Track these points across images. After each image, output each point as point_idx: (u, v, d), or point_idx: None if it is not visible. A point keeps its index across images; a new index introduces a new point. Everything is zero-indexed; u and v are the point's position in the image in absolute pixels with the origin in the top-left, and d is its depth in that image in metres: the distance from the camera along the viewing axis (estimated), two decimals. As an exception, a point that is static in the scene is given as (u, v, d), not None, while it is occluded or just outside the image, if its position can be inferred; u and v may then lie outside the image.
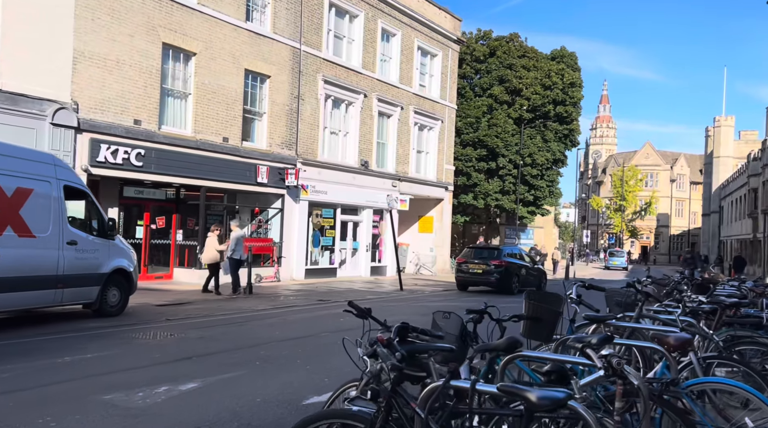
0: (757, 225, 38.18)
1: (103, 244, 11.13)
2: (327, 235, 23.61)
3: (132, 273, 11.75)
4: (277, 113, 20.88)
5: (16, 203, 9.31)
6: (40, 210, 9.75)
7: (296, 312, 13.73)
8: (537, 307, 4.55)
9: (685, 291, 8.87)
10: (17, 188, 9.35)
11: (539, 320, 4.49)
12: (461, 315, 4.32)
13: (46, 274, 9.81)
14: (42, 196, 9.79)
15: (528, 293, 4.76)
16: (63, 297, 10.25)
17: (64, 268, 10.08)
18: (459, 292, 20.81)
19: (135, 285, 11.97)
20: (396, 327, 2.96)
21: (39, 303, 10.05)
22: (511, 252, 21.41)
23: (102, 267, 10.98)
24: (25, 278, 9.38)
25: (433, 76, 29.78)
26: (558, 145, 38.07)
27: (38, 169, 9.88)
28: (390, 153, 26.90)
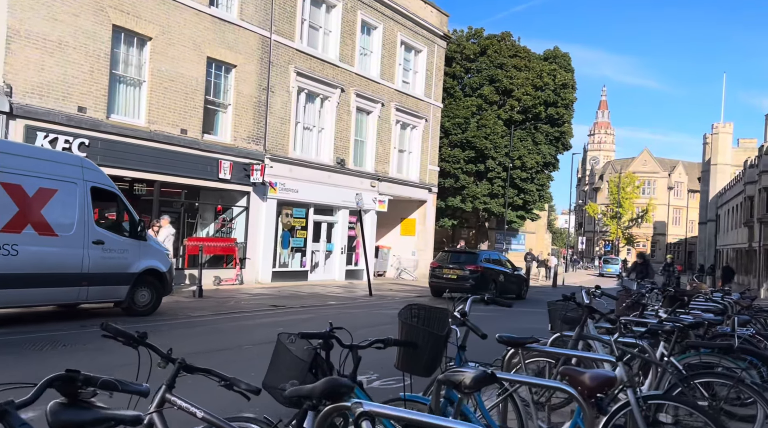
0: (752, 235, 37.00)
1: (134, 245, 11.39)
2: (298, 236, 22.41)
3: (165, 274, 11.98)
4: (243, 105, 19.71)
5: (39, 203, 9.74)
6: (64, 210, 10.12)
7: (233, 320, 12.49)
8: (412, 330, 3.38)
9: (652, 305, 7.69)
10: (39, 188, 9.75)
11: (416, 346, 3.32)
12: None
13: (70, 272, 10.16)
14: (67, 196, 10.17)
15: (403, 310, 3.60)
16: (88, 295, 10.61)
17: (89, 267, 10.42)
18: (433, 299, 19.60)
19: (169, 286, 12.28)
20: (46, 381, 1.67)
21: (63, 299, 10.54)
22: (488, 258, 20.22)
23: (131, 267, 11.28)
24: (47, 275, 9.77)
25: (417, 73, 28.62)
26: (549, 148, 36.90)
27: (64, 170, 10.26)
28: (369, 151, 25.72)
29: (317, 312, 14.00)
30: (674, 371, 4.70)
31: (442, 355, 3.44)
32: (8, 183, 9.32)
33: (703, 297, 11.12)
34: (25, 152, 9.92)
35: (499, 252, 22.60)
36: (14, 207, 9.41)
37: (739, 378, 4.14)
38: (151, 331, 10.27)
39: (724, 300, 10.99)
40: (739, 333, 7.00)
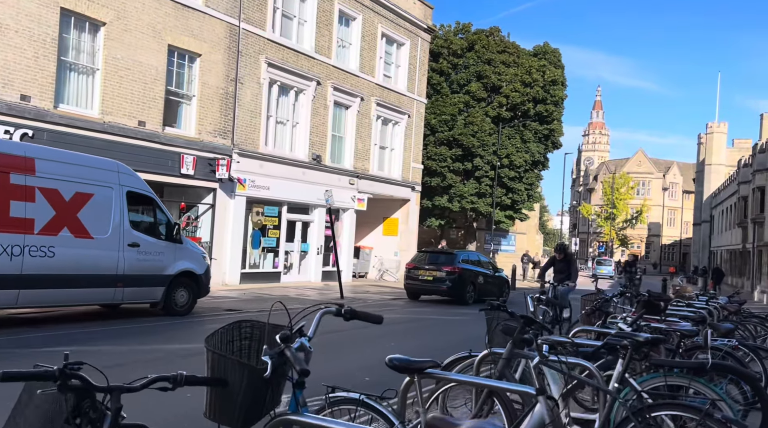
0: (746, 235, 36.08)
1: (169, 247, 11.79)
2: (270, 236, 21.39)
3: (201, 276, 12.38)
4: (209, 97, 18.69)
5: (75, 207, 10.14)
6: (100, 213, 10.53)
7: (172, 326, 11.50)
8: (221, 361, 2.38)
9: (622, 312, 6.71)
10: (76, 193, 10.16)
11: (225, 384, 2.31)
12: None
13: (105, 273, 10.58)
14: (102, 200, 10.57)
15: (222, 331, 2.62)
16: (124, 296, 11.05)
17: (124, 269, 10.82)
18: (408, 302, 18.62)
19: (205, 287, 12.61)
20: None
21: (98, 299, 11.03)
22: (467, 258, 19.21)
23: (167, 269, 11.68)
24: (82, 276, 10.21)
25: (399, 67, 27.64)
26: (537, 146, 35.91)
27: (101, 175, 10.67)
28: (348, 147, 24.71)
29: (274, 317, 12.99)
30: (630, 400, 3.71)
31: (265, 398, 2.44)
32: (46, 187, 9.75)
33: (683, 303, 10.17)
34: (63, 158, 10.30)
35: (479, 253, 21.60)
36: (51, 210, 9.83)
37: (707, 413, 3.15)
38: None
39: (710, 304, 10.04)
40: (718, 344, 6.04)
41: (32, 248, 9.56)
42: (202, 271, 12.45)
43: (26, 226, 9.50)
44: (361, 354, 9.40)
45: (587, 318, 6.50)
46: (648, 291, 7.34)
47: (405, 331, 12.62)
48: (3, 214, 9.23)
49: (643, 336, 3.84)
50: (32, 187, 9.57)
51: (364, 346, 10.11)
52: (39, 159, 9.75)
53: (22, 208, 9.44)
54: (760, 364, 6.56)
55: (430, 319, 14.82)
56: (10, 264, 9.27)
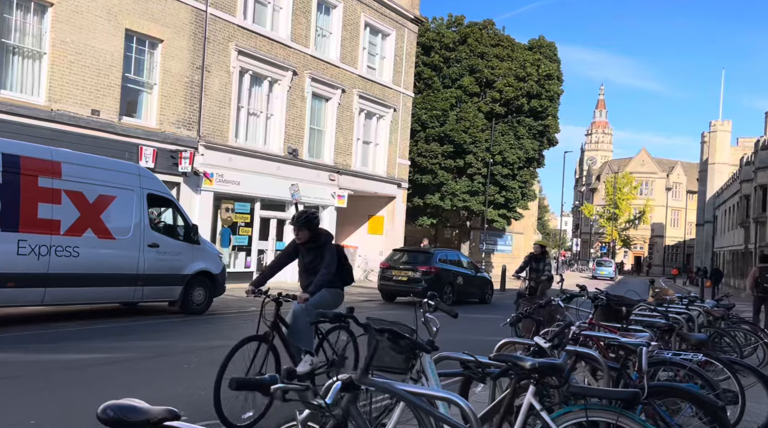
0: (748, 236, 34.78)
1: (187, 248, 12.21)
2: (241, 234, 20.33)
3: (217, 276, 12.76)
4: (172, 85, 17.64)
5: (98, 209, 10.57)
6: (122, 215, 10.98)
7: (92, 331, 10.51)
8: None
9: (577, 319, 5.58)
10: (99, 195, 10.60)
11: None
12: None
13: (126, 273, 10.99)
14: (124, 202, 10.99)
15: None
16: (143, 294, 11.43)
17: (144, 268, 11.22)
18: (381, 304, 17.51)
19: (222, 287, 13.01)
20: None
21: (119, 298, 11.40)
22: (445, 258, 18.09)
23: (185, 269, 12.05)
24: (105, 275, 10.65)
25: (385, 59, 26.53)
26: (532, 143, 34.74)
27: (122, 178, 11.09)
28: (328, 141, 23.63)
29: (210, 322, 12.00)
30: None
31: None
32: (71, 190, 10.16)
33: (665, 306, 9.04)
34: (87, 162, 10.72)
35: (459, 253, 20.48)
36: (76, 212, 10.23)
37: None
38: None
39: (691, 309, 8.90)
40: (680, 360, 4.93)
41: (58, 248, 9.99)
42: (218, 271, 12.84)
43: (53, 227, 9.93)
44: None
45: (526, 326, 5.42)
46: (606, 293, 6.23)
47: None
48: (31, 216, 9.70)
49: (529, 362, 2.75)
50: (59, 190, 10.01)
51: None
52: (65, 163, 10.19)
53: (49, 210, 9.88)
54: (736, 382, 5.45)
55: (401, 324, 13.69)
56: (38, 264, 9.70)
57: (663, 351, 5.17)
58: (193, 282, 12.21)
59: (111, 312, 12.01)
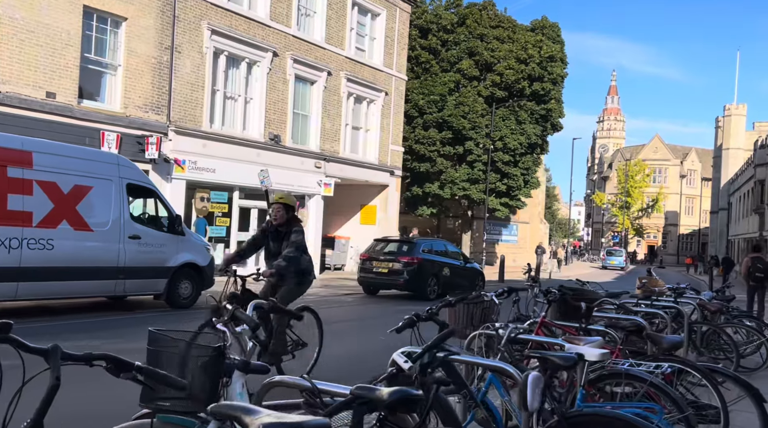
0: (763, 223, 33.25)
1: (171, 239, 11.82)
2: (218, 224, 19.31)
3: (204, 268, 12.35)
4: (137, 67, 16.59)
5: (74, 200, 10.20)
6: (100, 206, 10.60)
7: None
8: None
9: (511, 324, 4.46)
10: (74, 186, 10.20)
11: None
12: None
13: (106, 266, 10.65)
14: (102, 193, 10.62)
15: None
16: (125, 288, 11.12)
17: (125, 261, 10.88)
18: (362, 298, 16.43)
19: (210, 279, 12.48)
20: None
21: (99, 291, 11.06)
22: (430, 248, 16.92)
23: (169, 261, 11.68)
24: (83, 268, 10.28)
25: (375, 40, 25.33)
26: (534, 128, 33.36)
27: (100, 168, 10.72)
28: (313, 127, 22.51)
29: (196, 317, 11.03)
30: None
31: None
32: (43, 181, 9.83)
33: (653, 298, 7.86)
34: (61, 151, 10.41)
35: (446, 242, 19.29)
36: (49, 203, 9.91)
37: None
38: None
39: (683, 302, 7.71)
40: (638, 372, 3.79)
41: (30, 241, 9.68)
42: (205, 263, 12.46)
43: (24, 219, 9.62)
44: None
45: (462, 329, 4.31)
46: (560, 286, 5.09)
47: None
48: (0, 208, 9.38)
49: (377, 392, 1.65)
50: (30, 181, 9.69)
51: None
52: (37, 152, 9.88)
53: (19, 201, 9.57)
54: (716, 395, 4.30)
55: (368, 319, 12.64)
56: (8, 257, 9.40)
57: (620, 360, 4.02)
58: (178, 275, 11.88)
59: (97, 305, 11.66)
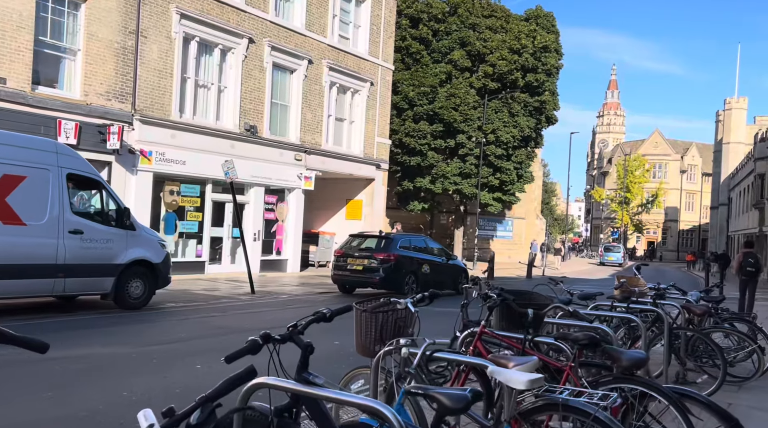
0: (763, 218, 32.29)
1: (119, 234, 10.96)
2: (189, 219, 18.41)
3: (158, 265, 11.48)
4: (99, 52, 15.68)
5: (2, 191, 9.37)
6: (34, 198, 9.74)
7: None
8: None
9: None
10: (4, 175, 9.37)
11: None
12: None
13: (42, 263, 9.79)
14: (37, 183, 9.77)
15: None
16: (66, 287, 10.23)
17: (65, 258, 10.01)
18: (337, 296, 15.52)
19: (165, 278, 11.74)
20: None
21: (35, 291, 10.13)
22: (407, 244, 16.00)
23: (117, 258, 10.84)
24: (13, 266, 9.40)
25: (360, 27, 24.38)
26: (527, 121, 32.41)
27: (35, 156, 9.86)
28: (293, 118, 21.60)
29: (144, 319, 10.15)
30: None
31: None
32: None
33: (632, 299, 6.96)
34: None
35: (427, 238, 18.36)
36: None
37: None
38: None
39: (663, 304, 6.79)
40: (582, 405, 2.90)
41: None
42: (159, 260, 11.55)
43: None
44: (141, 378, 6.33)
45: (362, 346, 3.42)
46: (500, 289, 4.19)
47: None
48: None
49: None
50: None
51: (171, 363, 7.05)
52: None
53: None
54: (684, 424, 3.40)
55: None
56: None
57: (557, 387, 3.12)
58: (128, 273, 11.00)
59: (44, 306, 10.75)
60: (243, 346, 2.38)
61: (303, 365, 2.52)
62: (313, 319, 2.68)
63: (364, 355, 3.62)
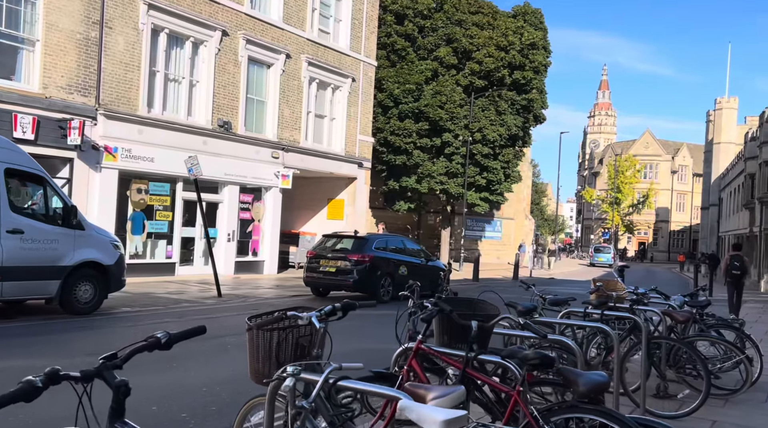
0: (753, 218, 31.79)
1: (66, 234, 10.20)
2: (159, 219, 17.65)
3: (110, 267, 10.74)
4: (59, 43, 14.91)
5: None
6: None
7: None
8: None
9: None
10: None
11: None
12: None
13: None
14: None
15: None
16: (3, 291, 9.47)
17: (2, 259, 9.33)
18: (310, 299, 14.82)
19: (118, 281, 11.04)
20: None
21: None
22: (384, 245, 15.28)
23: (63, 260, 10.12)
24: None
25: (341, 22, 23.68)
26: (515, 119, 31.78)
27: None
28: (270, 114, 20.88)
29: (90, 326, 9.42)
30: None
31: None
32: None
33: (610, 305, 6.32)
34: None
35: (405, 238, 17.69)
36: None
37: None
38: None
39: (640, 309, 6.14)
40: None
41: None
42: (111, 262, 10.80)
43: None
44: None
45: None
46: (437, 296, 3.52)
47: (221, 349, 8.82)
48: None
49: None
50: None
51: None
52: None
53: None
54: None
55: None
56: None
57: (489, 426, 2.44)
58: (76, 276, 10.25)
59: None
60: (13, 389, 1.68)
61: (116, 412, 1.83)
62: (139, 347, 1.99)
63: (257, 383, 2.94)
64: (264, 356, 2.84)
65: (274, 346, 2.82)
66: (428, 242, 37.82)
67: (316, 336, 2.93)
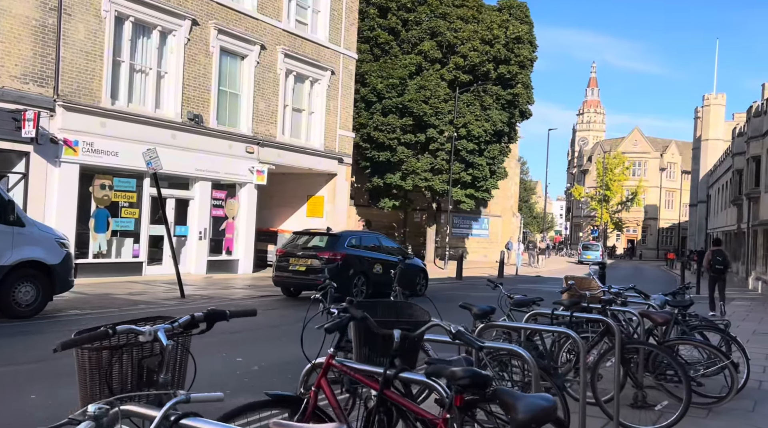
0: (741, 215, 31.37)
1: (3, 232, 9.49)
2: (124, 216, 16.87)
3: (54, 267, 10.03)
4: (12, 30, 14.11)
5: None
6: None
7: None
8: None
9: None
10: None
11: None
12: None
13: None
14: None
15: None
16: None
17: None
18: (278, 300, 14.10)
19: (65, 281, 10.30)
20: None
21: None
22: (358, 242, 14.60)
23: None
24: None
25: (319, 13, 22.96)
26: (500, 114, 31.17)
27: None
28: (244, 107, 20.14)
29: (30, 330, 8.70)
30: None
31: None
32: None
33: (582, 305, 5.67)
34: None
35: (380, 236, 17.02)
36: None
37: None
38: None
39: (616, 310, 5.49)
40: None
41: None
42: (56, 261, 10.10)
43: None
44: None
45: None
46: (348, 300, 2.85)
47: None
48: None
49: None
50: None
51: None
52: None
53: None
54: None
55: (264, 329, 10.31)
56: None
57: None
58: (14, 276, 9.52)
59: None
60: None
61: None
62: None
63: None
64: (95, 381, 2.16)
65: (104, 370, 2.14)
66: (414, 240, 37.18)
67: (166, 355, 2.24)
